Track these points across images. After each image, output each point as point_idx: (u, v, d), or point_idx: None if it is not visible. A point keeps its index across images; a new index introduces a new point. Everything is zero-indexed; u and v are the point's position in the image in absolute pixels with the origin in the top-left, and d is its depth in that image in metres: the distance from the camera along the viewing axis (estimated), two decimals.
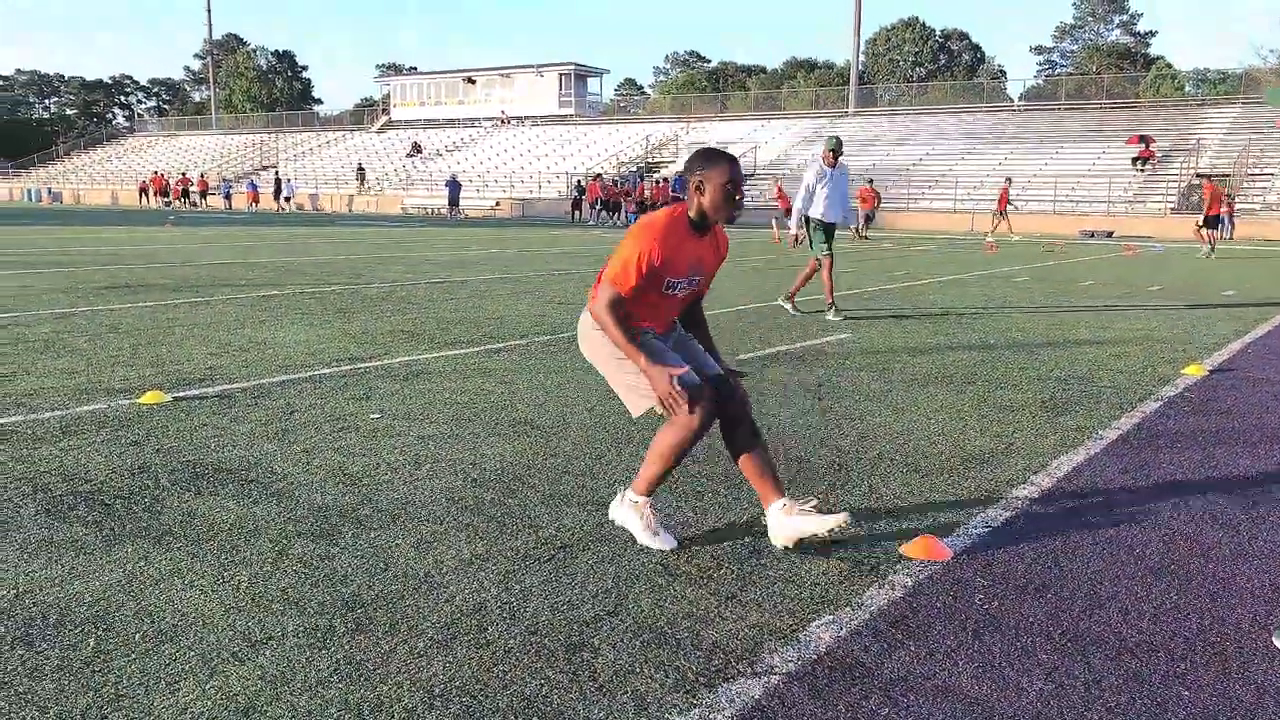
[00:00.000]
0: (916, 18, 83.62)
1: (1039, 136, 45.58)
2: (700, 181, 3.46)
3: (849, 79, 58.70)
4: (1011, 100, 57.52)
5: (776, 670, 2.67)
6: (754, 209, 43.05)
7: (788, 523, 3.50)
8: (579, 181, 43.31)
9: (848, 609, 3.06)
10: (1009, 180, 34.38)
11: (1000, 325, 9.82)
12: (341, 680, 2.56)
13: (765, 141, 50.95)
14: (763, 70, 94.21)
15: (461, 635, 2.83)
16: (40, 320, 8.89)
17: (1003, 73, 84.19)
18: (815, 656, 2.75)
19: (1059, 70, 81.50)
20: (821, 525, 3.44)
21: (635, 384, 3.56)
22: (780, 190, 32.13)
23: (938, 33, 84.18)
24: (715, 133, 53.95)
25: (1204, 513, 4.06)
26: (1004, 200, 32.20)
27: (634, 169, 50.18)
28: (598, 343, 3.62)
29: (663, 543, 3.55)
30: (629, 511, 3.63)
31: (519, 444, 4.88)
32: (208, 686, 2.51)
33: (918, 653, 2.79)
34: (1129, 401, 6.17)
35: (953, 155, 44.90)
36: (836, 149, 10.01)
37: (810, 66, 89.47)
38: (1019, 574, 3.37)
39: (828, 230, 10.09)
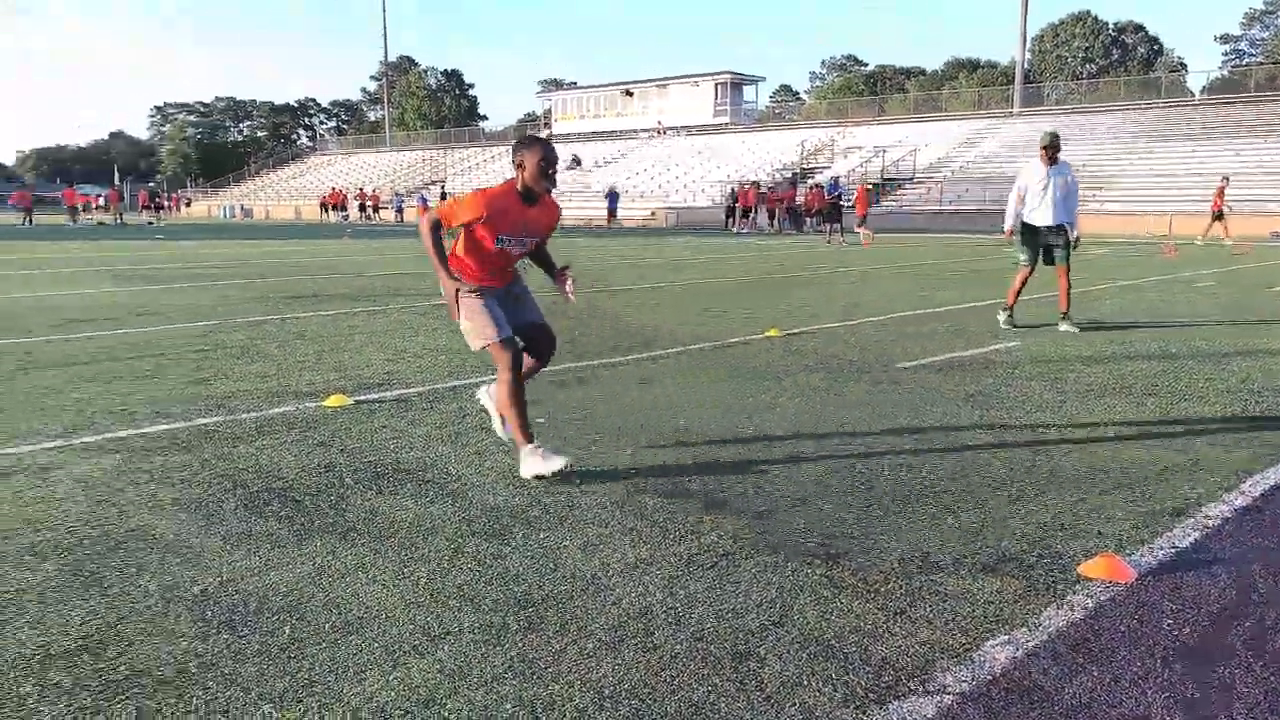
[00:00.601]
0: (1088, 11, 79.85)
1: (1224, 132, 42.66)
2: (521, 161, 4.37)
3: (1013, 78, 56.51)
4: (1193, 94, 54.03)
5: (950, 690, 2.60)
6: (917, 213, 42.00)
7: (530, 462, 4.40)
8: (732, 189, 43.24)
9: (1024, 629, 2.96)
10: (1225, 179, 31.67)
11: (1183, 333, 9.25)
12: (515, 677, 2.65)
13: (925, 144, 49.59)
14: (922, 72, 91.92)
15: (629, 638, 2.88)
16: (236, 328, 9.54)
17: (1182, 65, 79.19)
18: (990, 677, 2.67)
19: (1247, 60, 76.11)
20: (547, 467, 4.34)
21: (471, 329, 4.54)
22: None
23: (1110, 26, 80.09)
24: (871, 137, 52.90)
25: None
26: (1220, 199, 29.37)
27: (788, 175, 49.75)
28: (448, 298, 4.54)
29: (557, 463, 4.34)
30: (531, 461, 4.42)
31: (679, 451, 4.92)
32: (391, 677, 2.64)
33: (1101, 679, 2.67)
34: None
35: (1127, 155, 42.58)
36: (1050, 145, 9.12)
37: (973, 66, 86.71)
38: (1212, 599, 3.17)
39: (1042, 234, 9.26)
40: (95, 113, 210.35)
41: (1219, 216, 29.04)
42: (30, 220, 46.31)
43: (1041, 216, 9.22)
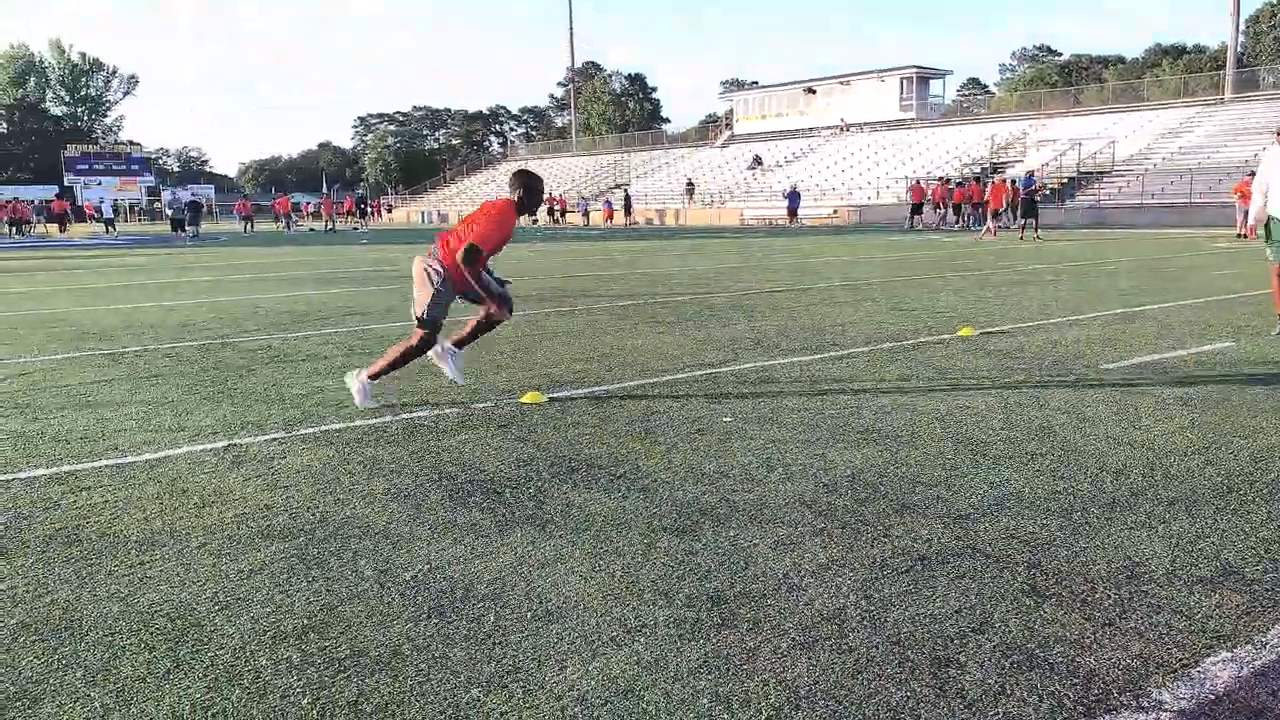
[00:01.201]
0: None
1: None
2: (519, 190, 6.12)
3: (1223, 63, 52.38)
4: None
5: (1166, 707, 2.48)
6: (1109, 208, 39.65)
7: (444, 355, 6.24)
8: (922, 184, 42.07)
9: (1248, 647, 2.78)
10: None
11: None
12: (710, 672, 2.70)
13: (1124, 136, 46.69)
14: (1121, 60, 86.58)
15: (823, 639, 2.88)
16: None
17: None
18: (1212, 696, 2.53)
19: None
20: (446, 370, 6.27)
21: (424, 299, 6.02)
22: (1240, 185, 29.14)
23: None
24: (1065, 129, 50.20)
25: None
26: None
27: (975, 170, 47.92)
28: (419, 270, 6.15)
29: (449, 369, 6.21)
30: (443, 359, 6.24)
31: (867, 451, 4.86)
32: (590, 667, 2.74)
33: None
34: None
35: None
36: None
37: (1177, 52, 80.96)
38: None
39: (1273, 229, 8.50)
40: (304, 126, 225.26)
41: None
42: (251, 227, 50.27)
43: (1275, 209, 8.43)
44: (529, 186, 6.11)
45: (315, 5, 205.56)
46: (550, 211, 60.08)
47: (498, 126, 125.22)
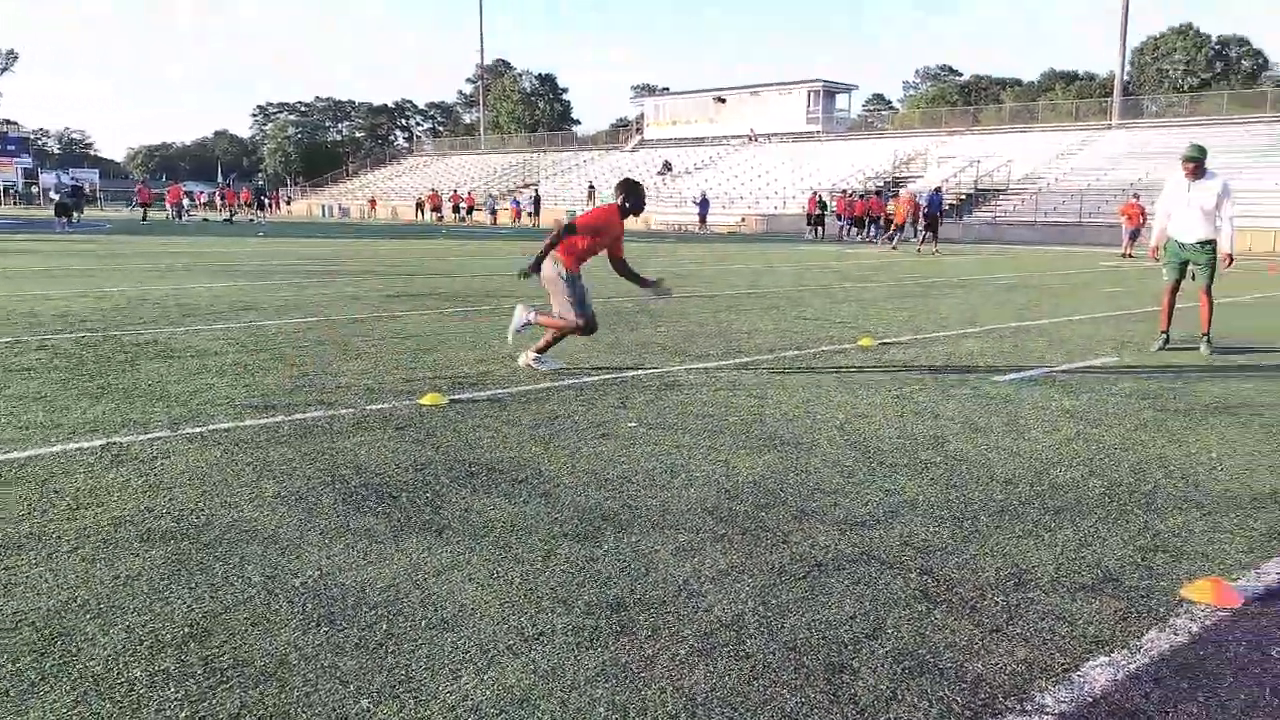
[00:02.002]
0: (1190, 24, 77.07)
1: None
2: (623, 195, 7.17)
3: (1111, 90, 54.77)
4: None
5: (1048, 710, 2.55)
6: (1005, 225, 41.04)
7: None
8: (819, 195, 42.85)
9: (1125, 651, 2.88)
10: None
11: None
12: (608, 680, 2.67)
13: (1019, 155, 48.44)
14: (1018, 82, 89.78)
15: (721, 646, 2.88)
16: (336, 325, 9.81)
17: None
18: (1090, 699, 2.61)
19: None
20: (513, 340, 7.64)
21: (565, 304, 7.16)
22: (1125, 207, 30.29)
23: (1213, 39, 77.14)
24: (965, 147, 51.84)
25: None
26: None
27: (881, 184, 49.08)
28: (549, 273, 7.14)
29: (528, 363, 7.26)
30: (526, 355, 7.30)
31: (769, 458, 4.91)
32: (486, 676, 2.69)
33: (1207, 706, 2.59)
34: None
35: (1229, 169, 40.85)
36: (1192, 157, 8.68)
37: (1070, 78, 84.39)
38: None
39: (1184, 249, 8.86)
40: (199, 112, 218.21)
41: None
42: (146, 216, 48.41)
43: (1181, 232, 8.86)
44: (632, 192, 7.14)
45: None
46: (456, 209, 59.37)
47: (404, 121, 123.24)
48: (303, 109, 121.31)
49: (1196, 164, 8.66)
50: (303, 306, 11.59)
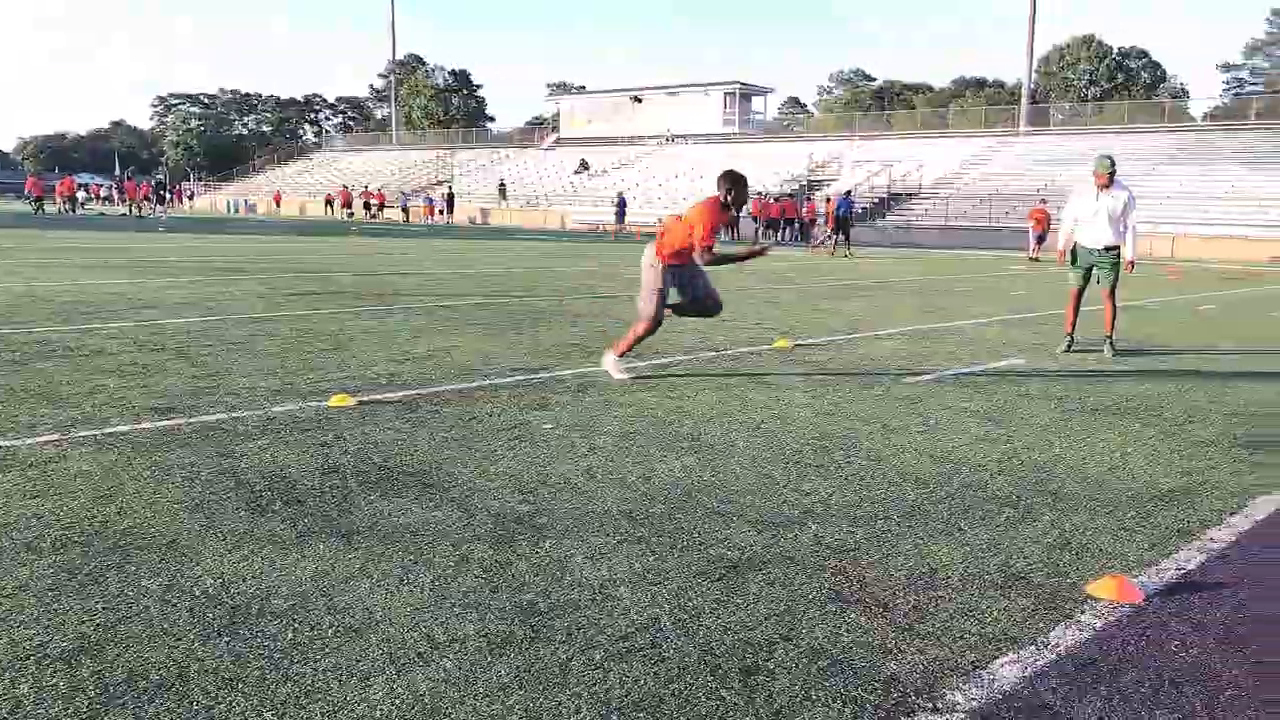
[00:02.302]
0: (1093, 35, 79.93)
1: (1225, 157, 42.68)
2: (727, 187, 6.91)
3: (1019, 98, 56.53)
4: (1194, 120, 54.12)
5: (959, 708, 2.58)
6: (918, 228, 42.00)
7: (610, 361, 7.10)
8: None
9: (1033, 648, 2.93)
10: None
11: (1184, 355, 9.24)
12: (522, 687, 2.62)
13: (932, 160, 49.64)
14: (929, 88, 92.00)
15: (637, 650, 2.85)
16: (239, 323, 9.52)
17: (1185, 92, 79.30)
18: (1000, 696, 2.65)
19: (1248, 89, 76.20)
20: (615, 370, 7.09)
21: (647, 297, 7.04)
22: (1034, 211, 31.08)
23: (1115, 50, 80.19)
24: (880, 151, 52.90)
25: None
26: None
27: (797, 187, 49.77)
28: (647, 267, 7.14)
29: (621, 376, 6.96)
30: (612, 365, 7.07)
31: (686, 460, 4.90)
32: (395, 685, 2.61)
33: (1110, 699, 2.65)
34: None
35: (1130, 176, 42.48)
36: (1106, 169, 8.92)
37: (980, 85, 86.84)
38: (1218, 623, 3.15)
39: (1090, 255, 9.14)
40: (95, 101, 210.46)
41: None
42: (43, 209, 46.43)
43: (1088, 238, 9.16)
44: (736, 184, 6.91)
45: None
46: (366, 206, 58.32)
47: (313, 115, 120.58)
48: (206, 101, 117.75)
49: (1108, 175, 8.94)
50: (205, 304, 11.23)
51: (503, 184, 59.16)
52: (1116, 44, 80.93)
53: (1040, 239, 30.52)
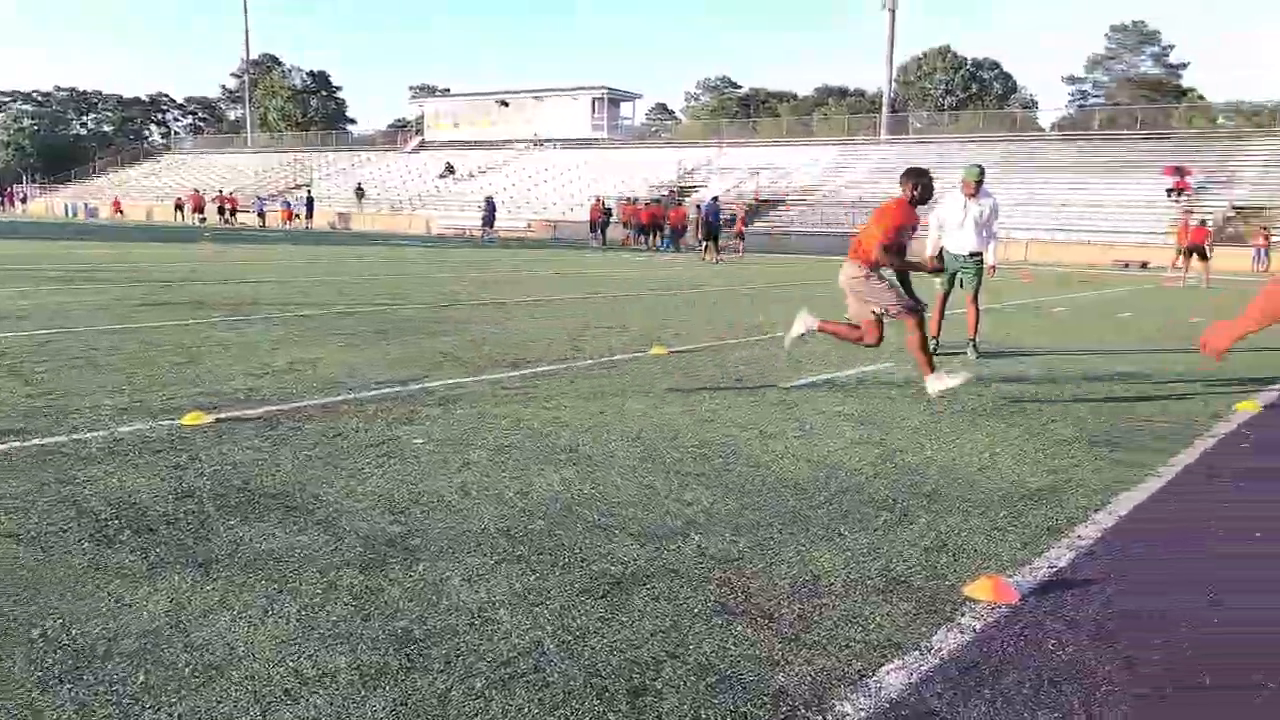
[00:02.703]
0: (948, 46, 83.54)
1: (1071, 166, 45.25)
2: (911, 184, 6.84)
3: (880, 106, 58.61)
4: (1043, 130, 57.30)
5: (848, 718, 2.56)
6: (785, 234, 42.96)
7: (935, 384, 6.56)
8: (602, 202, 43.27)
9: (916, 653, 2.94)
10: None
11: (1041, 356, 9.66)
12: None
13: (797, 167, 50.92)
14: (794, 96, 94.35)
15: (520, 675, 2.73)
16: (80, 336, 8.92)
17: (1034, 102, 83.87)
18: (888, 704, 2.64)
19: (1091, 101, 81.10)
20: (950, 382, 6.54)
21: (882, 300, 6.85)
22: None
23: (969, 62, 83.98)
24: (746, 158, 53.98)
25: (1272, 555, 3.91)
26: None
27: (666, 193, 50.22)
28: (847, 282, 7.15)
29: (958, 379, 6.55)
30: (937, 383, 6.59)
31: (565, 473, 4.79)
32: None
33: (994, 702, 2.67)
34: (1184, 437, 6.00)
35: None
36: (974, 177, 9.26)
37: (842, 94, 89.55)
38: (1091, 619, 3.23)
39: (956, 260, 9.45)
40: None
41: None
42: None
43: (955, 244, 9.42)
44: (920, 178, 6.85)
45: None
46: (220, 210, 56.00)
47: (160, 115, 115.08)
48: (40, 99, 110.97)
49: (977, 183, 9.29)
50: (40, 316, 10.50)
51: (360, 187, 57.71)
52: (970, 55, 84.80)
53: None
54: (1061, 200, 40.91)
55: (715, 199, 32.87)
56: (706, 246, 30.54)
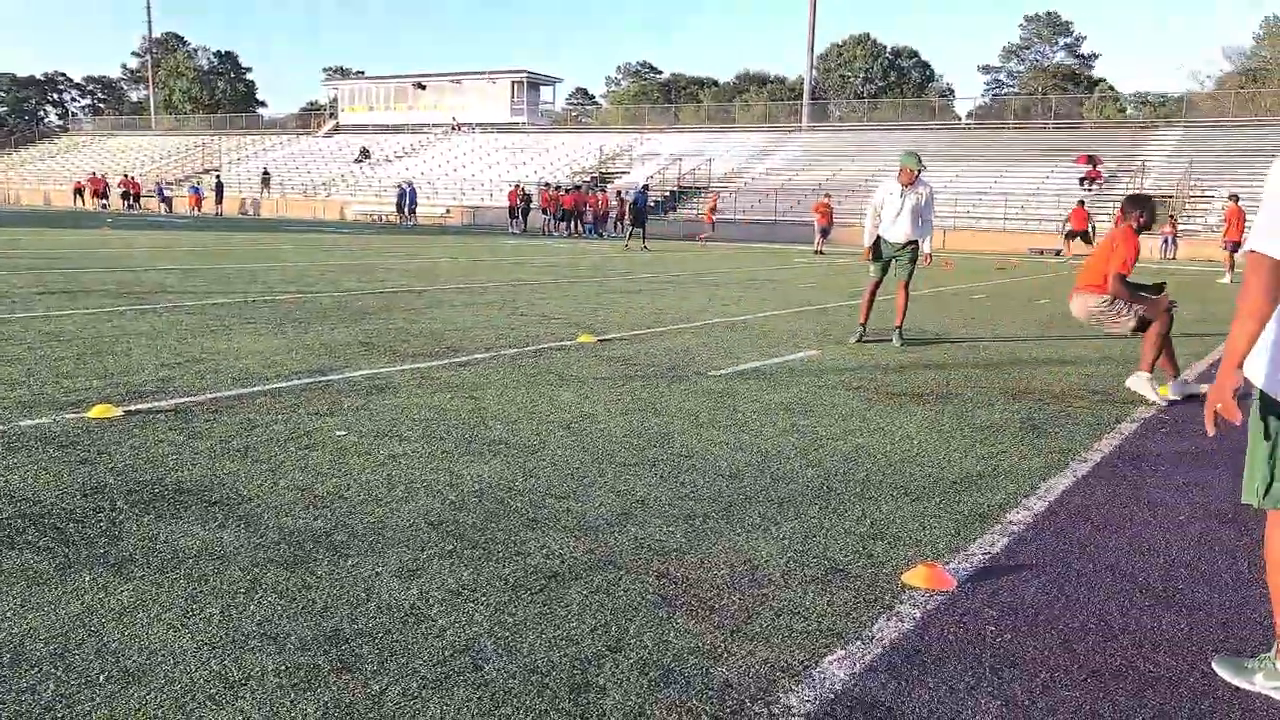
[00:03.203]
0: (868, 34, 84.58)
1: (987, 155, 46.31)
2: (1138, 213, 7.07)
3: (801, 94, 59.19)
4: (960, 118, 58.59)
5: (795, 711, 2.53)
6: (708, 221, 43.09)
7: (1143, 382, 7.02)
8: (522, 189, 42.87)
9: (858, 643, 2.93)
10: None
11: (965, 343, 9.83)
12: None
13: (719, 154, 51.11)
14: (715, 83, 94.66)
15: (456, 674, 2.64)
16: None
17: (951, 91, 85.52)
18: (833, 695, 2.62)
19: (1006, 90, 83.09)
20: (1149, 392, 6.94)
21: (1128, 319, 7.18)
22: (818, 205, 32.42)
23: (888, 49, 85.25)
24: (668, 144, 53.97)
25: (1199, 538, 4.01)
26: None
27: (588, 179, 49.98)
28: (1084, 311, 7.40)
29: (1152, 395, 6.90)
30: (1142, 383, 6.99)
31: (495, 463, 4.69)
32: None
33: (937, 690, 2.67)
34: (1105, 423, 6.15)
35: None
36: (912, 165, 9.20)
37: (762, 81, 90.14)
38: (1026, 604, 3.27)
39: (890, 249, 9.46)
40: None
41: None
42: None
43: (891, 233, 9.44)
44: (1143, 206, 7.11)
45: None
46: (125, 196, 53.96)
47: (56, 95, 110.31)
48: None
49: (912, 171, 9.25)
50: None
51: (266, 173, 56.18)
52: (890, 43, 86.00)
53: (824, 232, 31.95)
54: (977, 189, 41.84)
55: (644, 187, 32.74)
56: (632, 233, 30.47)
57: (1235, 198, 23.61)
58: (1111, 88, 71.35)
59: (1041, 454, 5.27)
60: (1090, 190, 40.30)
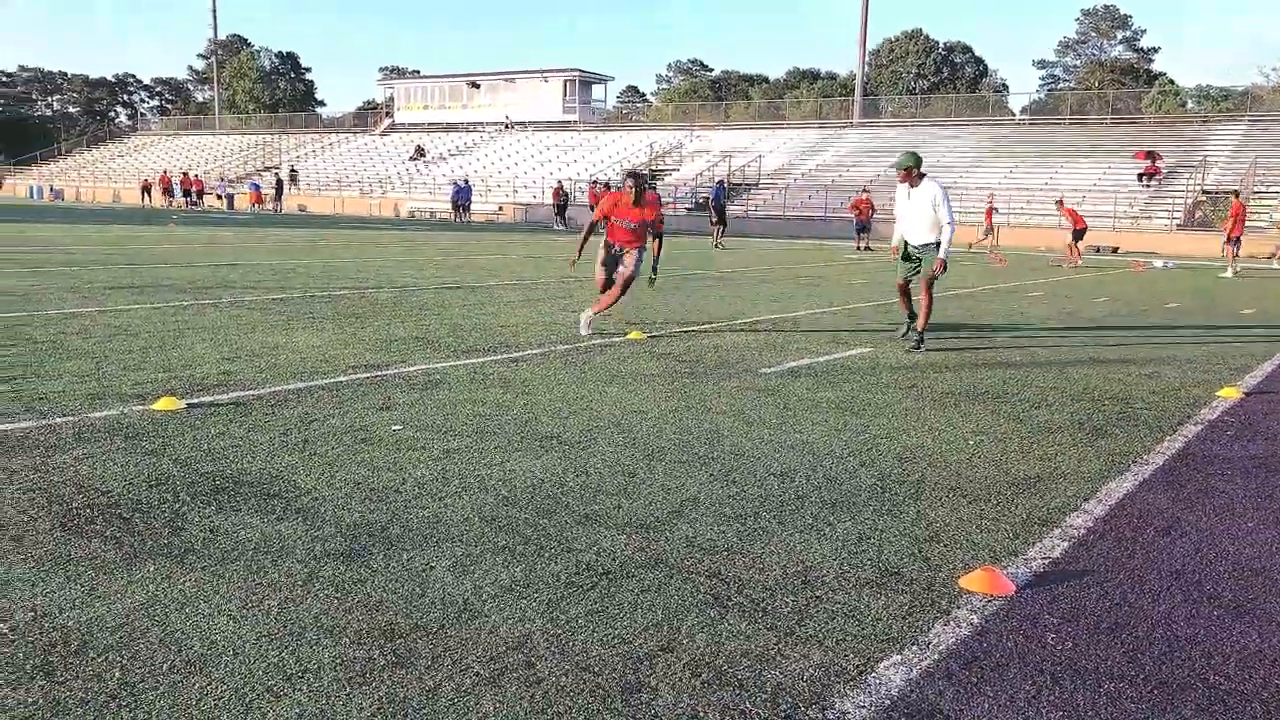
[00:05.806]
0: (920, 29, 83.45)
1: (1042, 150, 45.45)
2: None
3: (852, 90, 58.59)
4: (1014, 114, 57.53)
5: (849, 717, 2.50)
6: (757, 218, 42.89)
7: None
8: (563, 186, 42.97)
9: (915, 648, 2.89)
10: (992, 195, 33.32)
11: (1022, 342, 9.66)
12: (385, 719, 2.38)
13: (769, 151, 50.81)
14: (765, 79, 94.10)
15: (509, 671, 2.65)
16: (48, 321, 8.71)
17: (1005, 86, 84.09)
18: (889, 702, 2.58)
19: (1061, 84, 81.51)
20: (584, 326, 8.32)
21: None
22: (857, 200, 32.16)
23: (941, 45, 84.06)
24: (719, 141, 53.81)
25: (1273, 545, 3.89)
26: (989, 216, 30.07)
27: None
28: None
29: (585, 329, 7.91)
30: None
31: (547, 459, 4.70)
32: None
33: (998, 699, 2.62)
34: (1168, 424, 6.00)
35: (957, 168, 44.77)
36: (903, 165, 8.92)
37: (813, 77, 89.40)
38: (1089, 611, 3.19)
39: (910, 250, 9.19)
40: None
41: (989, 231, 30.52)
42: None
43: (909, 234, 9.26)
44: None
45: None
46: (186, 194, 55.05)
47: (126, 96, 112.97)
48: (4, 79, 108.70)
49: (907, 171, 8.85)
50: (6, 300, 10.25)
51: (294, 170, 57.18)
52: (942, 38, 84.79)
53: (862, 229, 31.44)
54: (1031, 185, 41.10)
55: (720, 182, 32.29)
56: (720, 231, 30.28)
57: (1237, 193, 23.23)
58: (1172, 81, 69.51)
59: (1101, 456, 5.16)
60: (1149, 186, 39.38)
